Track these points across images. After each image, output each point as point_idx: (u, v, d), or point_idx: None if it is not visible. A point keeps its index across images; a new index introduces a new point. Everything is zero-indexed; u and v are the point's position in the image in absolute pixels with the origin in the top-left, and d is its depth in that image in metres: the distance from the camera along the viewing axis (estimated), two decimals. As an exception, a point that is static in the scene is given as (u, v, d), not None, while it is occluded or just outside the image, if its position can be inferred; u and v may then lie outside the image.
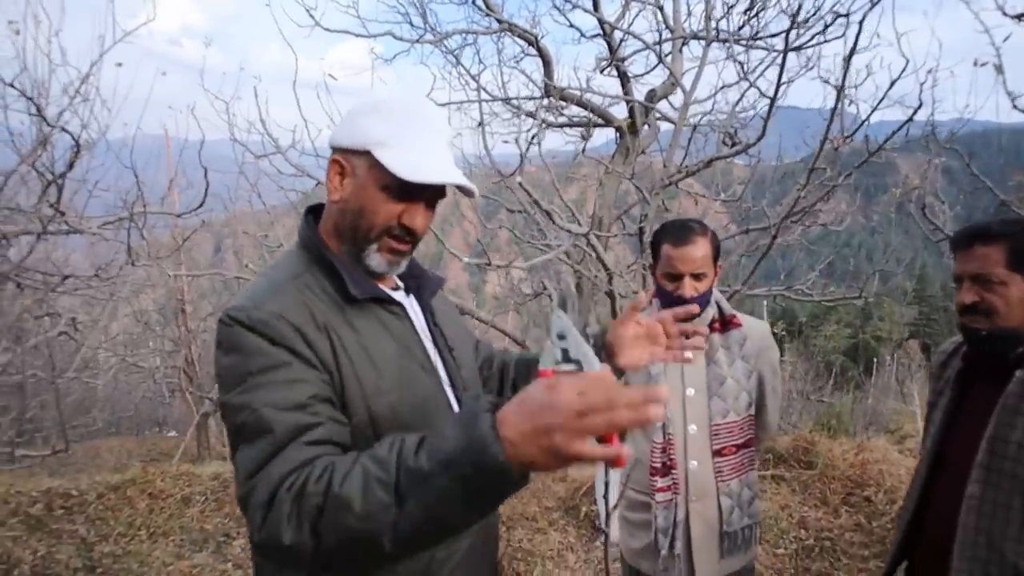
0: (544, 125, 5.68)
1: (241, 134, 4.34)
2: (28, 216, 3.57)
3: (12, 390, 5.41)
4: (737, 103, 4.78)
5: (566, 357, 1.10)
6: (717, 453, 2.25)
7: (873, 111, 3.46)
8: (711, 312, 2.30)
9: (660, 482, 2.25)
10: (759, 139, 3.72)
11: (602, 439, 0.91)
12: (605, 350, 1.62)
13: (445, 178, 1.33)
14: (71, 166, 3.57)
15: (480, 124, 5.05)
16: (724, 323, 2.33)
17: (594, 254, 3.76)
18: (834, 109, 3.06)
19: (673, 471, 2.24)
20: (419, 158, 1.32)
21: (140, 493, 5.29)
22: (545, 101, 5.17)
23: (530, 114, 5.62)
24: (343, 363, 1.27)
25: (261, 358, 1.20)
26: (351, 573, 1.16)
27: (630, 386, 1.15)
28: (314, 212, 1.45)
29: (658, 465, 2.25)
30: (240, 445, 1.18)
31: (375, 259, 1.38)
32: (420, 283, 1.52)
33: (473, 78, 5.53)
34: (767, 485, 5.60)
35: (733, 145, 4.26)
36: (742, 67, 4.40)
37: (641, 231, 4.25)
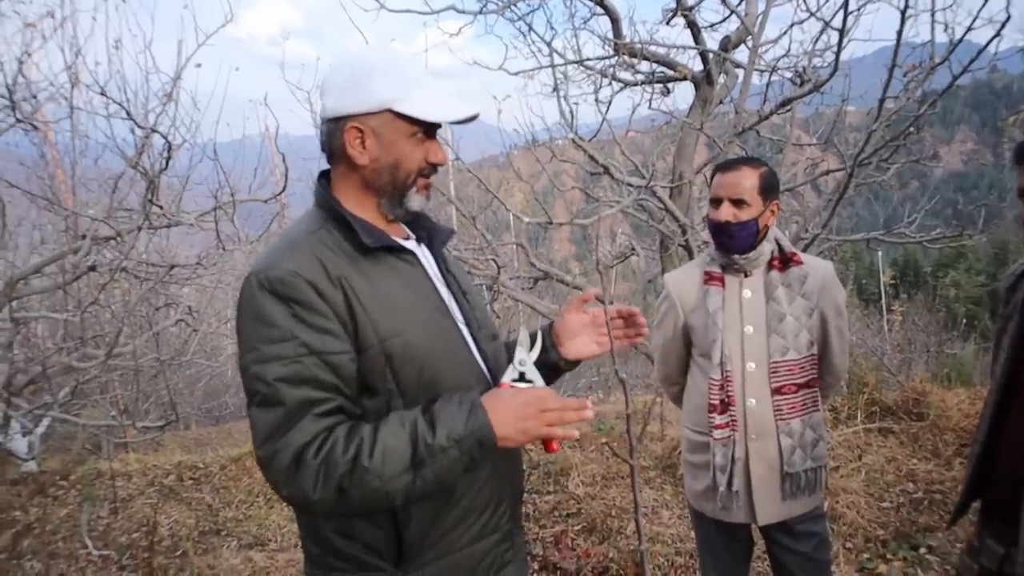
0: (619, 84, 5.62)
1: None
2: (135, 214, 3.91)
3: (132, 375, 5.93)
4: (815, 41, 4.56)
5: (523, 377, 1.50)
6: (776, 391, 2.22)
7: (966, 34, 3.23)
8: (768, 248, 2.27)
9: (718, 419, 2.25)
10: (831, 75, 3.53)
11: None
12: (552, 339, 1.72)
13: (468, 111, 1.48)
14: (166, 164, 3.86)
15: (555, 89, 5.06)
16: (784, 261, 2.29)
17: (663, 207, 3.73)
18: (899, 32, 2.88)
19: (731, 408, 2.24)
20: (437, 100, 1.46)
21: (255, 464, 5.69)
22: (616, 59, 5.11)
23: (604, 74, 5.56)
24: (357, 310, 1.36)
25: (275, 329, 1.31)
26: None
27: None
28: (326, 175, 1.55)
29: (716, 402, 2.25)
30: (254, 408, 1.33)
31: (415, 200, 1.51)
32: (431, 233, 1.61)
33: (547, 43, 5.52)
34: (872, 438, 5.40)
35: (803, 84, 4.08)
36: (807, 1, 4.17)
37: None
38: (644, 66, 5.33)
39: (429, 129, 1.48)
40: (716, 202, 2.23)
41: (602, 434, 6.38)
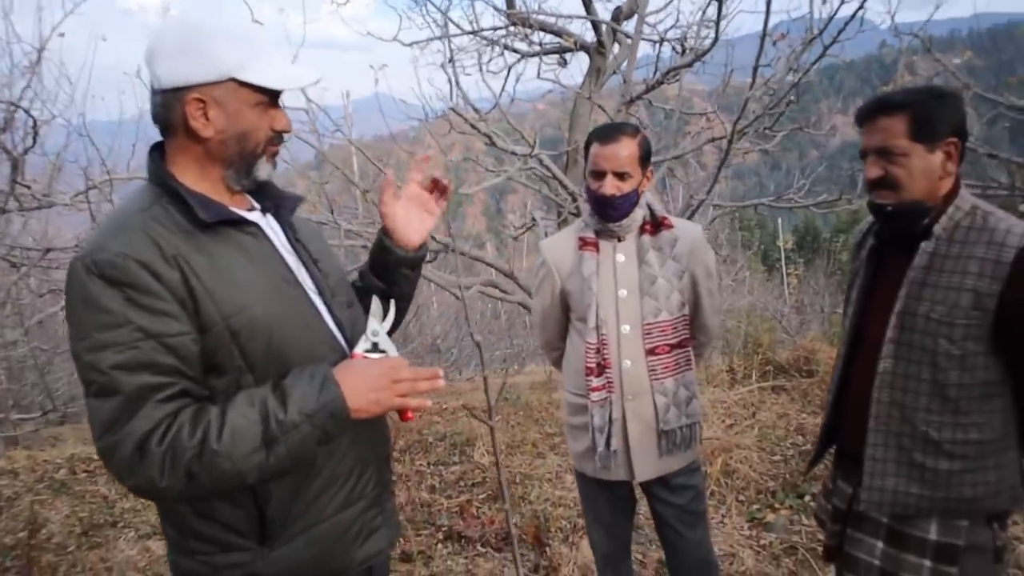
0: (515, 54, 5.62)
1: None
2: (3, 194, 3.66)
3: (20, 366, 5.62)
4: (703, 12, 4.67)
5: (376, 348, 1.49)
6: (650, 352, 2.29)
7: (839, 8, 3.36)
8: (640, 214, 2.32)
9: (595, 381, 2.30)
10: (712, 45, 3.63)
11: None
12: (389, 239, 1.71)
13: (312, 77, 1.46)
14: (33, 142, 3.63)
15: (451, 60, 5.01)
16: (656, 225, 2.34)
17: (550, 175, 3.78)
18: (768, 2, 2.98)
19: (607, 370, 2.29)
20: (279, 67, 1.44)
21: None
22: (510, 29, 5.10)
23: (498, 43, 5.54)
24: (196, 289, 1.31)
25: (108, 315, 1.25)
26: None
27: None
28: (159, 148, 1.47)
29: (593, 365, 2.30)
30: (91, 398, 1.28)
31: (263, 169, 1.48)
32: (278, 203, 1.57)
33: (443, 13, 5.44)
34: (766, 396, 5.66)
35: (684, 54, 4.17)
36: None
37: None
38: (539, 37, 5.34)
39: (273, 97, 1.44)
40: (598, 175, 2.25)
41: (510, 404, 6.47)
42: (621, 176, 2.23)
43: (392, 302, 1.59)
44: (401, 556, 3.98)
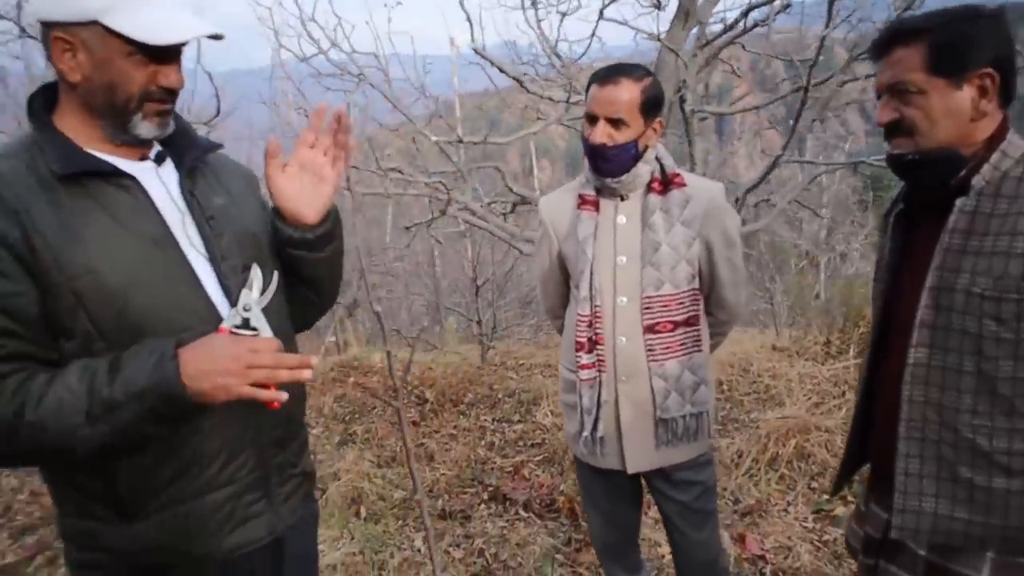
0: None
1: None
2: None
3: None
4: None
5: (246, 324, 1.31)
6: (649, 329, 2.00)
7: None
8: (646, 170, 2.01)
9: (584, 358, 2.04)
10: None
11: (264, 386, 1.23)
12: (277, 215, 1.50)
13: (187, 33, 1.28)
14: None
15: (533, 3, 4.71)
16: (665, 183, 2.03)
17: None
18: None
19: (599, 346, 2.03)
20: (154, 16, 1.26)
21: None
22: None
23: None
24: (38, 246, 1.21)
25: None
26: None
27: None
28: (53, 88, 1.35)
29: (584, 340, 2.04)
30: None
31: (143, 127, 1.32)
32: (182, 151, 1.43)
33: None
34: (866, 373, 5.12)
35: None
36: None
37: (682, 100, 3.82)
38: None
39: (152, 50, 1.27)
40: (591, 119, 1.96)
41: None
42: (615, 123, 1.92)
43: (276, 274, 1.40)
44: (440, 513, 3.92)
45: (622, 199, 2.04)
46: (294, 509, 1.53)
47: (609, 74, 1.95)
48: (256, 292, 1.35)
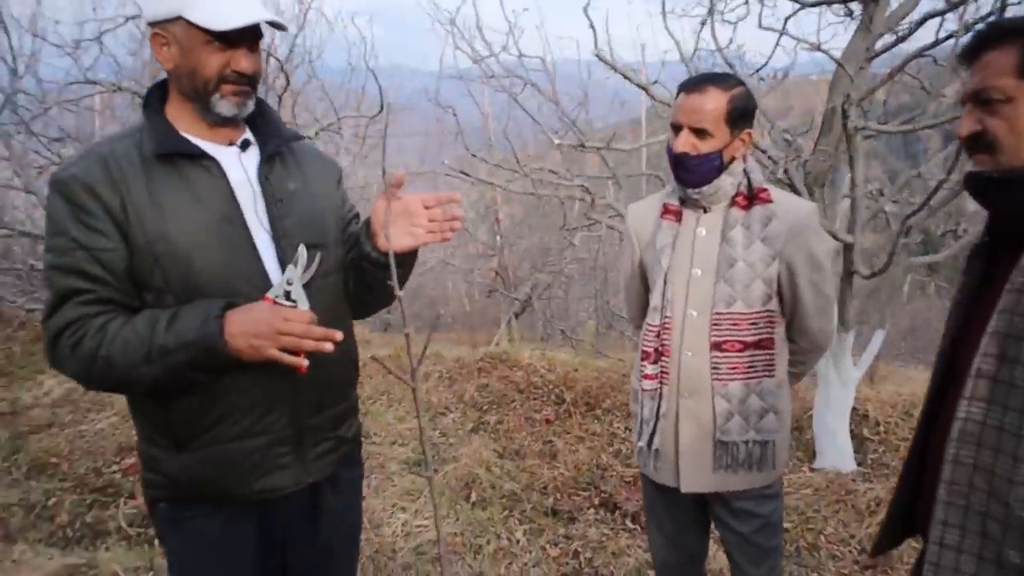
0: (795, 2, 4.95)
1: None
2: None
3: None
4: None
5: (288, 296, 1.48)
6: (716, 347, 1.93)
7: None
8: (730, 182, 1.94)
9: (648, 368, 2.01)
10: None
11: (296, 353, 1.42)
12: (368, 235, 1.62)
13: (247, 19, 1.47)
14: (286, 87, 4.20)
15: (710, 11, 4.61)
16: (750, 198, 1.95)
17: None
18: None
19: (664, 359, 1.99)
20: (221, 7, 1.46)
21: (393, 366, 6.14)
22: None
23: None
24: (130, 212, 1.45)
25: (56, 224, 1.46)
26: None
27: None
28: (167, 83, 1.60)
29: (650, 350, 2.01)
30: (47, 291, 1.49)
31: (223, 106, 1.53)
32: (267, 139, 1.63)
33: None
34: None
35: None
36: None
37: (844, 116, 3.57)
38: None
39: (222, 38, 1.47)
40: (676, 128, 1.93)
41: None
42: (699, 133, 1.87)
43: (318, 255, 1.55)
44: (547, 511, 3.98)
45: (705, 211, 1.99)
46: (325, 468, 1.67)
47: (696, 82, 1.91)
48: (300, 269, 1.50)
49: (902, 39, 3.49)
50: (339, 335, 1.45)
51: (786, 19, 4.89)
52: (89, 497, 4.09)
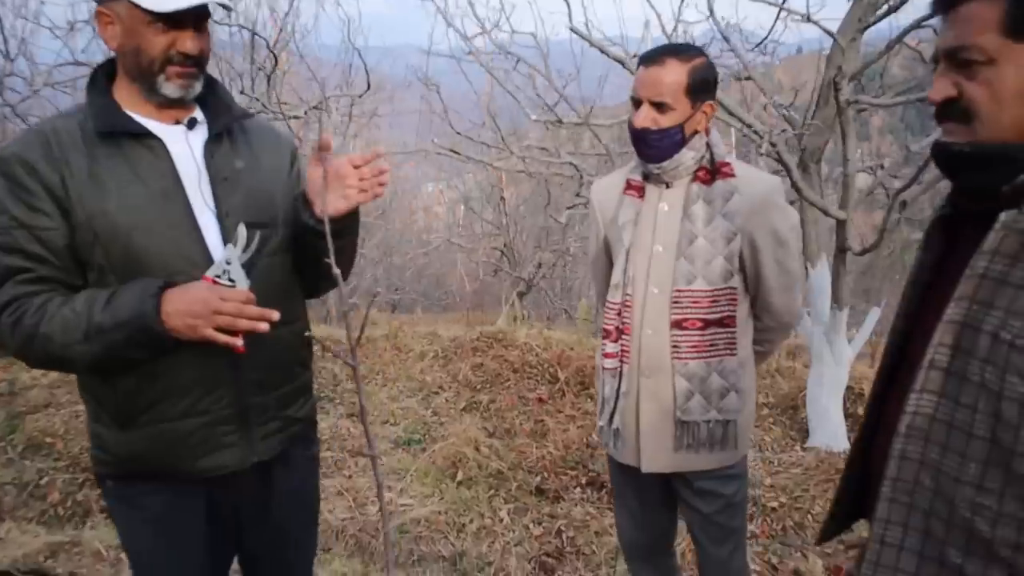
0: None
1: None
2: (250, 101, 4.29)
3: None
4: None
5: (227, 276, 1.45)
6: (676, 324, 1.89)
7: None
8: (691, 156, 1.89)
9: (609, 347, 1.98)
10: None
11: (233, 333, 1.42)
12: (304, 204, 1.58)
13: (185, 2, 1.42)
14: (274, 67, 4.16)
15: None
16: (712, 172, 1.90)
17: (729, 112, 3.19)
18: None
19: (625, 336, 1.95)
20: None
21: (389, 345, 6.15)
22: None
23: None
24: (70, 189, 1.43)
25: None
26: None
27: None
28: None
29: (611, 328, 1.98)
30: None
31: (168, 88, 1.50)
32: (215, 117, 1.60)
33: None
34: None
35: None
36: None
37: (835, 89, 3.49)
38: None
39: (166, 19, 1.43)
40: (636, 103, 1.88)
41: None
42: (659, 107, 1.82)
43: (258, 233, 1.51)
44: (533, 490, 3.97)
45: (667, 186, 1.94)
46: (272, 447, 1.66)
47: (655, 54, 1.85)
48: (239, 249, 1.47)
49: (894, 9, 3.38)
50: (275, 315, 1.43)
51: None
52: (81, 476, 4.12)
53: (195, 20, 1.48)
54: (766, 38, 5.13)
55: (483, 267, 12.40)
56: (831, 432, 4.29)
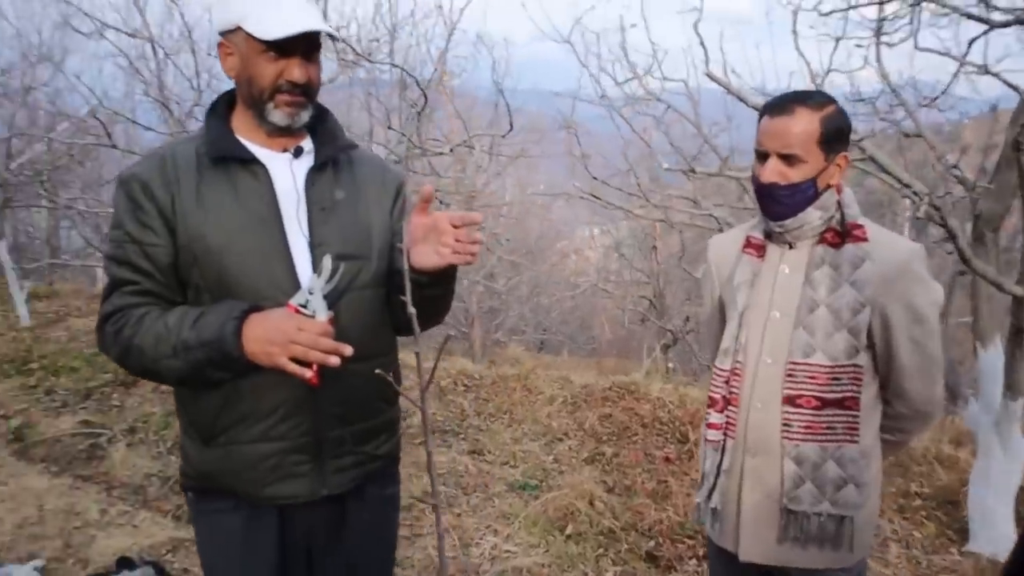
0: (980, 24, 4.41)
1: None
2: (399, 137, 4.48)
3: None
4: None
5: (306, 304, 1.45)
6: (789, 400, 1.70)
7: None
8: (818, 215, 1.71)
9: (714, 417, 1.82)
10: None
11: (310, 365, 1.41)
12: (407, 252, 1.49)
13: (296, 28, 1.48)
14: (424, 105, 4.33)
15: (879, 31, 4.21)
16: (842, 234, 1.71)
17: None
18: None
19: (732, 408, 1.79)
20: (275, 18, 1.49)
21: (520, 386, 6.13)
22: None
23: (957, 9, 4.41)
24: (178, 211, 1.52)
25: (115, 217, 1.56)
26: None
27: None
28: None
29: (717, 397, 1.82)
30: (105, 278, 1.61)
31: (276, 115, 1.56)
32: (322, 147, 1.64)
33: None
34: None
35: None
36: None
37: (1017, 147, 3.11)
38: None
39: (276, 48, 1.50)
40: (761, 156, 1.73)
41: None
42: (788, 159, 1.67)
43: (342, 265, 1.51)
44: (644, 555, 3.75)
45: (790, 247, 1.77)
46: (345, 482, 1.64)
47: (781, 103, 1.71)
48: (323, 279, 1.48)
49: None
50: (347, 350, 1.42)
51: (970, 42, 4.36)
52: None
53: (304, 50, 1.53)
54: (943, 92, 4.69)
55: (629, 315, 12.18)
56: (996, 537, 3.73)
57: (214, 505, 1.64)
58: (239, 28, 1.50)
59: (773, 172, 1.69)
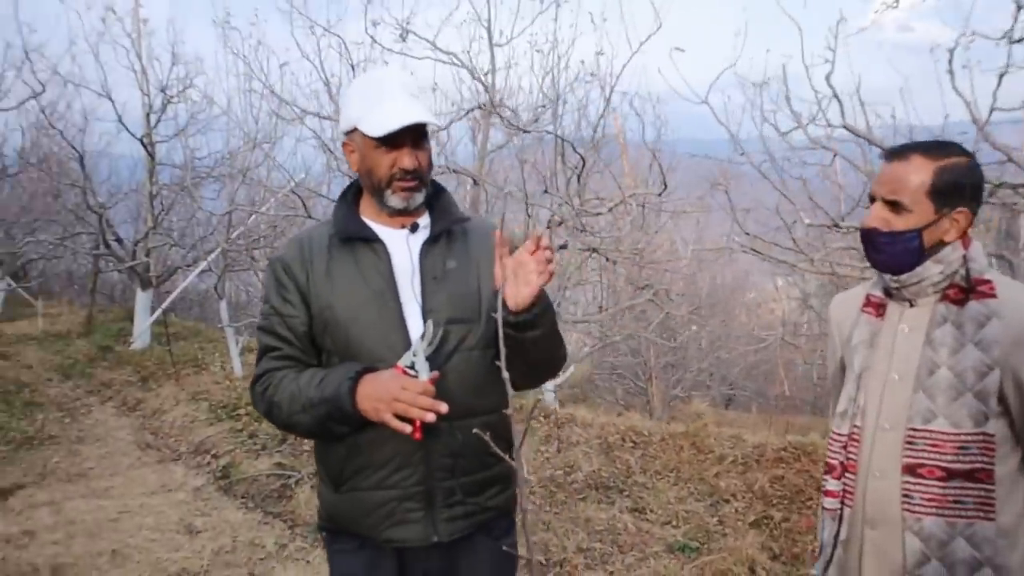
0: None
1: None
2: (556, 200, 4.66)
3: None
4: None
5: (412, 366, 1.62)
6: (909, 470, 1.59)
7: None
8: (937, 270, 1.61)
9: (831, 484, 1.73)
10: None
11: (413, 422, 1.57)
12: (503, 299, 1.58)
13: (399, 123, 1.67)
14: (582, 168, 4.50)
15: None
16: (967, 291, 1.60)
17: None
18: None
19: (849, 475, 1.70)
20: (383, 116, 1.70)
21: (689, 443, 5.97)
22: None
23: None
24: (312, 285, 1.77)
25: (265, 292, 1.85)
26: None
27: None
28: None
29: (834, 463, 1.73)
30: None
31: (394, 199, 1.78)
32: (435, 221, 1.83)
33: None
34: None
35: None
36: None
37: None
38: None
39: (386, 141, 1.70)
40: (872, 200, 1.69)
41: None
42: (893, 206, 1.60)
43: (441, 329, 1.66)
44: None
45: (911, 305, 1.68)
46: (455, 530, 1.76)
47: (901, 149, 1.66)
48: (424, 343, 1.65)
49: None
50: (443, 407, 1.55)
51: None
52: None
53: (412, 140, 1.72)
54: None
55: (818, 370, 11.40)
56: None
57: (342, 545, 1.83)
58: (356, 129, 1.74)
59: (876, 217, 1.64)
